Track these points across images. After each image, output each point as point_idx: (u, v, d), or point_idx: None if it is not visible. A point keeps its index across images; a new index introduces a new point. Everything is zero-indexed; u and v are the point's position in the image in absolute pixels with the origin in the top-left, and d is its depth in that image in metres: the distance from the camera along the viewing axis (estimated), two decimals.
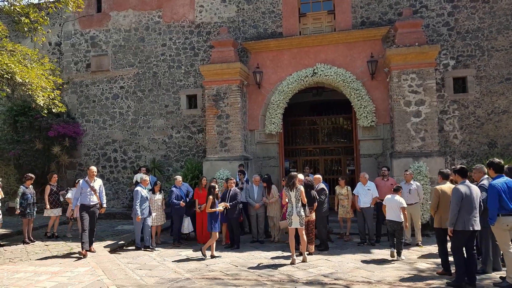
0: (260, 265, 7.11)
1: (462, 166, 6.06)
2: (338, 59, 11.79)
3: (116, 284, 5.92)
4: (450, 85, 11.33)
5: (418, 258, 7.49)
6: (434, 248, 7.61)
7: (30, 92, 9.17)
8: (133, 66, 13.80)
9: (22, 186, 9.54)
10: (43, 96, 9.49)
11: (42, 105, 9.55)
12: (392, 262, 7.16)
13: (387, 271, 6.52)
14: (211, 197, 7.82)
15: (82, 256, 7.56)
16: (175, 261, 7.54)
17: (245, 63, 12.51)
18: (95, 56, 14.14)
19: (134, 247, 8.67)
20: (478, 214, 5.68)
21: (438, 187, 6.38)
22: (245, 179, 10.20)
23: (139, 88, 13.74)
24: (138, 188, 8.58)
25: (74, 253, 8.01)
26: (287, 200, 7.38)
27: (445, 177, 6.64)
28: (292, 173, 7.68)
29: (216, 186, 8.11)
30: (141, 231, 8.57)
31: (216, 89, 11.72)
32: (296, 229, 7.31)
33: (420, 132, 10.21)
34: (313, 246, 7.92)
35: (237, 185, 9.47)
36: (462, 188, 5.70)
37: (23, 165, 13.69)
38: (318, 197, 8.13)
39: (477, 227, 5.66)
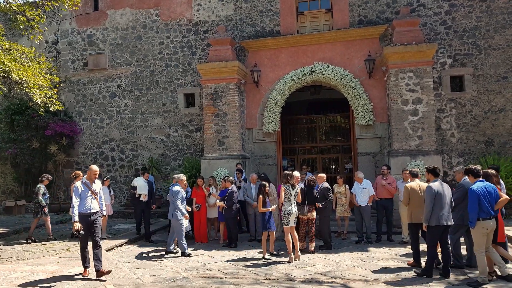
0: (258, 263, 7.11)
1: (434, 166, 6.53)
2: (335, 58, 11.80)
3: (113, 283, 5.91)
4: (447, 83, 11.35)
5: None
6: None
7: (26, 91, 9.12)
8: (131, 64, 13.76)
9: (42, 185, 9.49)
10: (40, 94, 9.43)
11: (39, 103, 9.50)
12: (390, 260, 7.18)
13: (385, 270, 6.54)
14: (261, 196, 7.52)
15: (83, 276, 6.23)
16: (172, 259, 7.53)
17: (243, 61, 12.50)
18: (92, 54, 14.09)
19: (134, 246, 8.63)
20: (450, 210, 6.09)
21: (408, 185, 6.78)
22: (243, 177, 10.19)
23: (136, 87, 13.71)
24: (178, 188, 7.95)
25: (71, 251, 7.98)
26: (284, 199, 7.35)
27: (414, 175, 7.10)
28: (289, 171, 7.68)
29: (267, 185, 7.72)
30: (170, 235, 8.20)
31: (214, 87, 11.71)
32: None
33: (418, 130, 10.23)
34: (313, 244, 7.91)
35: (234, 183, 9.46)
36: (434, 186, 6.08)
37: (20, 164, 13.67)
38: (328, 197, 8.08)
39: (450, 222, 6.04)
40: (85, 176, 6.61)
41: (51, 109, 10.14)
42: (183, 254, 7.78)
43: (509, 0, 11.06)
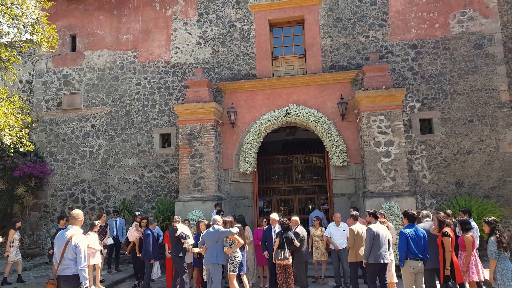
0: None
1: (374, 210, 7.39)
2: (309, 100, 12.11)
3: None
4: (417, 126, 11.76)
5: None
6: None
7: None
8: (106, 104, 13.67)
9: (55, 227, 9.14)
10: (11, 135, 9.18)
11: (8, 144, 9.23)
12: None
13: None
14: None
15: None
16: None
17: (220, 102, 12.64)
18: (67, 94, 13.95)
19: None
20: (387, 249, 6.77)
21: (353, 227, 7.56)
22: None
23: (111, 127, 13.55)
24: (218, 227, 7.32)
25: None
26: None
27: (355, 219, 7.86)
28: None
29: (238, 230, 7.43)
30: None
31: (190, 128, 11.71)
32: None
33: (391, 172, 10.42)
34: None
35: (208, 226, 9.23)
36: (373, 227, 6.82)
37: None
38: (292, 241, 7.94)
39: (387, 260, 6.70)
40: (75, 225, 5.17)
41: (21, 150, 9.86)
42: None
43: (470, 49, 11.81)
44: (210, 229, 7.27)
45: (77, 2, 14.31)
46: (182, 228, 8.14)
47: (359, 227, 7.56)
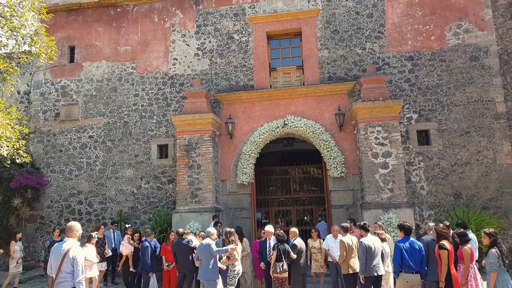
0: None
1: (364, 222, 7.32)
2: (307, 111, 12.15)
3: None
4: (414, 137, 11.78)
5: None
6: None
7: None
8: (104, 115, 13.67)
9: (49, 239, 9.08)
10: (8, 146, 9.16)
11: (5, 155, 9.21)
12: None
13: None
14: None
15: None
16: None
17: (218, 114, 12.66)
18: (65, 105, 13.95)
19: None
20: (381, 261, 6.83)
21: (343, 239, 7.42)
22: (221, 231, 9.89)
23: (108, 138, 13.52)
24: (209, 241, 7.07)
25: None
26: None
27: (345, 230, 7.75)
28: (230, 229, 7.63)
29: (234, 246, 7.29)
30: None
31: (188, 139, 11.70)
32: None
33: (388, 183, 10.41)
34: None
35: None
36: (365, 241, 6.82)
37: None
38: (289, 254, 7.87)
39: (381, 272, 6.77)
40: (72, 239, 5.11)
41: (17, 161, 9.82)
42: None
43: (466, 61, 11.91)
44: (203, 242, 7.11)
45: (76, 13, 14.41)
46: (194, 241, 8.07)
47: (349, 239, 7.51)
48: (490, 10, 12.03)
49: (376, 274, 6.69)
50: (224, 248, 7.08)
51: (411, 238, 6.52)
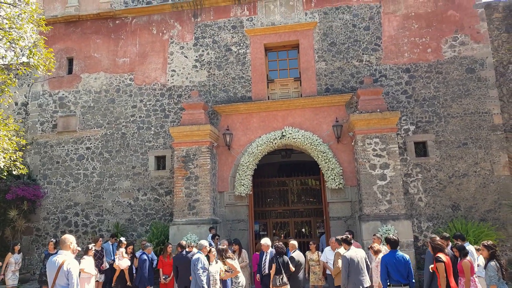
0: None
1: (347, 236, 7.26)
2: (305, 123, 12.17)
3: None
4: (411, 149, 11.80)
5: None
6: None
7: None
8: (102, 127, 13.65)
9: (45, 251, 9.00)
10: (4, 158, 9.10)
11: (2, 167, 9.14)
12: None
13: None
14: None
15: None
16: None
17: (215, 125, 12.67)
18: (63, 116, 13.94)
19: None
20: (366, 273, 6.76)
21: (339, 250, 7.38)
22: (219, 243, 9.82)
23: (106, 149, 13.49)
24: (200, 256, 7.11)
25: None
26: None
27: (339, 243, 7.56)
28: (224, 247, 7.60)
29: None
30: None
31: (186, 150, 11.68)
32: None
33: (387, 195, 10.39)
34: None
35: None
36: (347, 254, 6.80)
37: None
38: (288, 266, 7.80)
39: (366, 284, 6.72)
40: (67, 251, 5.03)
41: (14, 172, 9.75)
42: None
43: (462, 73, 12.01)
44: (194, 255, 7.18)
45: (75, 25, 14.50)
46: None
47: (344, 251, 7.43)
48: (485, 23, 12.17)
49: (361, 287, 6.67)
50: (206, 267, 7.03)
51: (398, 252, 6.50)
